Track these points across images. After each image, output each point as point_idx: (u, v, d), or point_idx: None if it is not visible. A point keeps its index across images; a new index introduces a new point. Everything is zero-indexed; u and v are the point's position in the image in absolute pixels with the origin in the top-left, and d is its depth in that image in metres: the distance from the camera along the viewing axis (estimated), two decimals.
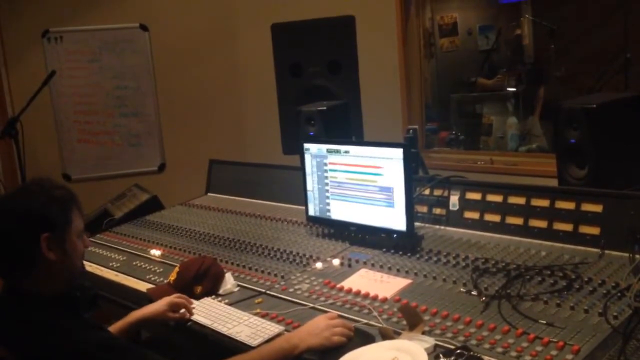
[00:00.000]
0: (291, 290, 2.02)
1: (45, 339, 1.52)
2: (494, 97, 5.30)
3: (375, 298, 1.87)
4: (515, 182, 2.43)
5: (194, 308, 1.99)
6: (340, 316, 1.77)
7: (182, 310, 1.96)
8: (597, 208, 1.94)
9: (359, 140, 3.21)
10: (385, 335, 1.63)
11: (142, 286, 2.25)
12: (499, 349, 1.49)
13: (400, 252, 2.16)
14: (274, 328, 1.78)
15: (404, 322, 1.66)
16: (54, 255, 1.59)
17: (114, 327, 1.91)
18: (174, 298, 1.98)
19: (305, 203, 2.53)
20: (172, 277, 2.15)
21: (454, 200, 2.30)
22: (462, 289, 1.83)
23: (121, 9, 4.68)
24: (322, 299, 1.92)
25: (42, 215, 1.59)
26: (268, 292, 2.04)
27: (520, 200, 2.13)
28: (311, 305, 1.89)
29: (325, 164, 2.43)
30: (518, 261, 1.93)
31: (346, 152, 2.36)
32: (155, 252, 2.57)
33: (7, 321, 1.58)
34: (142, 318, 1.95)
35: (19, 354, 1.52)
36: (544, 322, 1.57)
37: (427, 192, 2.38)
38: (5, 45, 4.50)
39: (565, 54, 5.07)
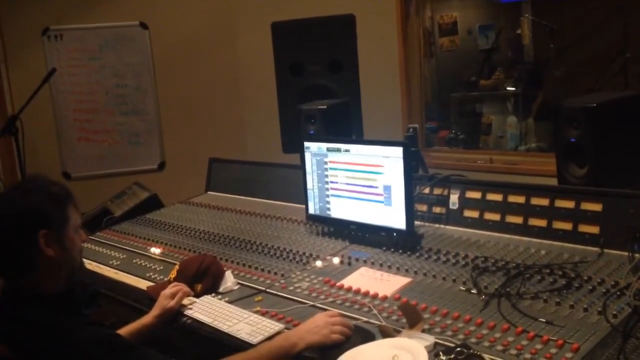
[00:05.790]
0: (291, 288, 2.03)
1: (46, 339, 1.51)
2: (494, 97, 5.32)
3: (375, 296, 1.87)
4: (515, 181, 2.43)
5: (195, 303, 2.00)
6: (340, 314, 1.77)
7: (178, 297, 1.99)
8: (597, 207, 1.94)
9: (359, 138, 3.21)
10: (386, 333, 1.64)
11: (142, 284, 2.25)
12: (499, 347, 1.49)
13: (400, 251, 2.17)
14: (274, 326, 1.78)
15: (404, 320, 1.67)
16: (53, 252, 1.59)
17: None
18: (162, 300, 2.00)
19: (305, 201, 2.53)
20: (173, 274, 2.15)
21: (454, 199, 2.30)
22: (461, 288, 1.83)
23: (121, 7, 4.69)
24: (322, 297, 1.93)
25: (39, 212, 1.59)
26: (268, 290, 2.04)
27: (520, 199, 2.13)
28: (311, 303, 1.89)
29: (326, 163, 2.43)
30: (518, 260, 1.93)
31: (346, 150, 2.36)
32: (155, 250, 2.57)
33: (7, 320, 1.58)
34: (137, 332, 1.95)
35: (20, 354, 1.52)
36: (544, 320, 1.57)
37: (427, 190, 2.38)
38: (5, 43, 4.51)
39: (565, 54, 5.08)
